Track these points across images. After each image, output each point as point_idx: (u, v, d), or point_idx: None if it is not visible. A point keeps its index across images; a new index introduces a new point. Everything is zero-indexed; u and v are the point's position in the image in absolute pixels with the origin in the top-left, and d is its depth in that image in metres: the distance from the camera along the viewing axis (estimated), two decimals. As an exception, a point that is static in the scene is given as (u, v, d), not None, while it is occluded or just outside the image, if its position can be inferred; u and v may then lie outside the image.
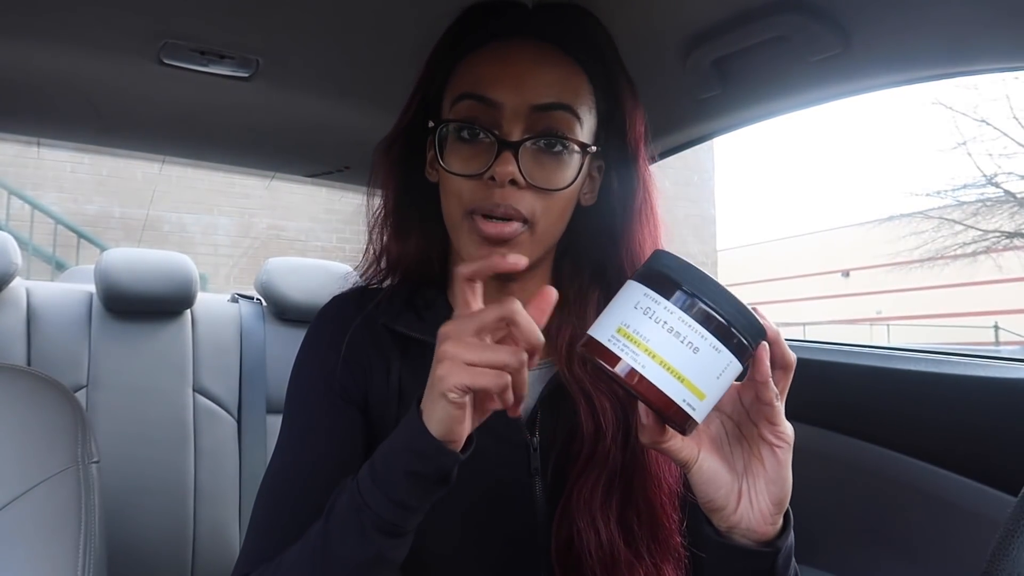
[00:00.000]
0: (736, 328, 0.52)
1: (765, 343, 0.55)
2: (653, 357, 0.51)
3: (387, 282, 0.79)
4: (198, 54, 0.98)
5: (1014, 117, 11.18)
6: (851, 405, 1.10)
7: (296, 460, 0.70)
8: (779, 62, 0.91)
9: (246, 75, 1.05)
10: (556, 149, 0.67)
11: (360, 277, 0.79)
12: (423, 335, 0.71)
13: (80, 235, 6.44)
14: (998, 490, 0.89)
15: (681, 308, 0.51)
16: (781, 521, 0.60)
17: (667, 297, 0.51)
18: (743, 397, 0.59)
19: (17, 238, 2.21)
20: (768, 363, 0.55)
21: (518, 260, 0.57)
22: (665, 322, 0.51)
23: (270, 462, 0.72)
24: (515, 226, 0.66)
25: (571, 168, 0.69)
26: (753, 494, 0.59)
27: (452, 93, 0.70)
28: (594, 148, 0.70)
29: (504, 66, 0.68)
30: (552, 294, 0.58)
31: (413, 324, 0.73)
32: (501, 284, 0.72)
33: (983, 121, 12.15)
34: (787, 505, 0.60)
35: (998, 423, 0.91)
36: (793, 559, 0.63)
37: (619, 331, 0.52)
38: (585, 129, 0.70)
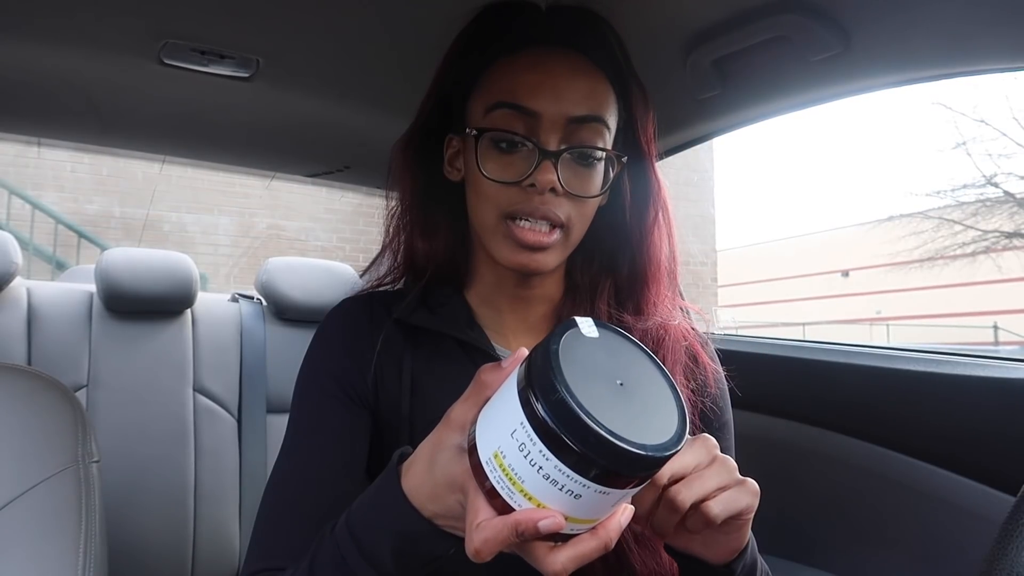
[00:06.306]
0: (624, 470, 0.43)
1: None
2: (529, 499, 0.44)
3: (403, 281, 0.79)
4: (198, 54, 0.98)
5: (1014, 117, 11.21)
6: (851, 405, 1.10)
7: (303, 459, 0.70)
8: (779, 62, 0.91)
9: (246, 75, 1.05)
10: (589, 160, 0.70)
11: (372, 278, 0.80)
12: (436, 327, 0.73)
13: (80, 235, 6.43)
14: (998, 490, 0.89)
15: (557, 457, 0.42)
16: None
17: (544, 442, 0.42)
18: None
19: (18, 238, 2.21)
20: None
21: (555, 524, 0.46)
22: (540, 468, 0.43)
23: (276, 460, 0.71)
24: (556, 235, 0.69)
25: (601, 175, 0.71)
26: (708, 541, 0.57)
27: (485, 99, 0.70)
28: (625, 159, 0.72)
29: (541, 76, 0.68)
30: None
31: (426, 318, 0.73)
32: (521, 279, 0.74)
33: (983, 121, 12.19)
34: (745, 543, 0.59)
35: (998, 423, 0.91)
36: (759, 559, 0.63)
37: (495, 457, 0.45)
38: (611, 137, 0.72)
